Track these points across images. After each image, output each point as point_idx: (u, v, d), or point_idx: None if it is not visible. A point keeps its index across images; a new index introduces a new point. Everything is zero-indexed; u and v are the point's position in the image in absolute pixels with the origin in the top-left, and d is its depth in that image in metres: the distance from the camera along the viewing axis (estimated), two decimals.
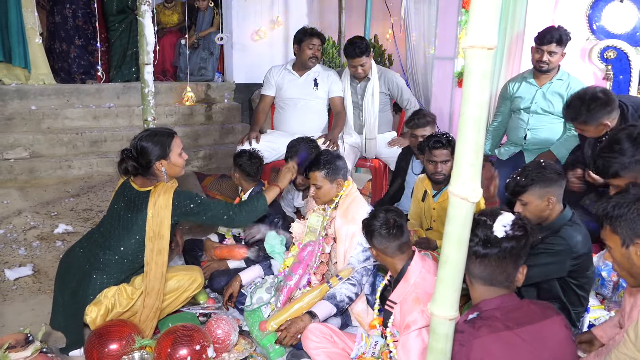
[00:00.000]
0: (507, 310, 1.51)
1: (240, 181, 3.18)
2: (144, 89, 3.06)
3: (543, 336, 1.49)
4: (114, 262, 2.42)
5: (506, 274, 1.53)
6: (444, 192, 3.04)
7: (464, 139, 1.07)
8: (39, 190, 4.11)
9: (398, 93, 4.13)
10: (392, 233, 2.08)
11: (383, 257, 2.14)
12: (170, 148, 2.50)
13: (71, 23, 5.20)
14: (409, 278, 2.05)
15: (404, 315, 1.99)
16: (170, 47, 6.36)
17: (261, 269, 2.83)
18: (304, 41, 3.95)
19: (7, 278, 3.01)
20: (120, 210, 2.48)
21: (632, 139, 1.99)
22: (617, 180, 2.01)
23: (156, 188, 2.44)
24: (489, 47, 1.03)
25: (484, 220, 1.54)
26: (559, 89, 3.50)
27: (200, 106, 5.62)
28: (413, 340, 1.89)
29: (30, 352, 1.87)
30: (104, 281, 2.40)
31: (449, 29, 5.15)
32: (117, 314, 2.38)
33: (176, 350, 2.09)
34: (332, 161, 2.61)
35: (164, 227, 2.39)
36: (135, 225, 2.40)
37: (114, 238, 2.45)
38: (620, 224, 1.54)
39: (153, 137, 2.49)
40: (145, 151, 2.45)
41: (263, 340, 2.41)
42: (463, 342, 1.43)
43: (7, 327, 2.58)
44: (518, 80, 3.71)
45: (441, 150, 2.92)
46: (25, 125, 4.67)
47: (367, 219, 2.18)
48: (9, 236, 3.43)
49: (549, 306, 1.63)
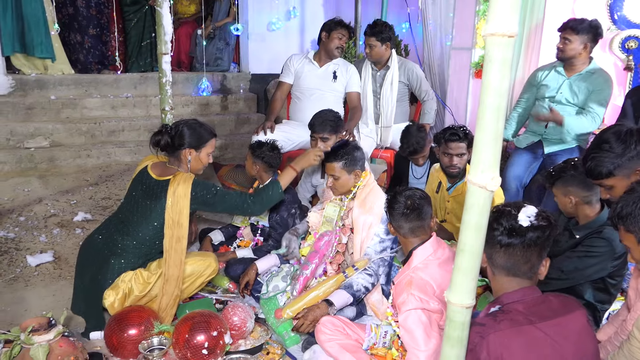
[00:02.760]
0: (530, 303, 1.50)
1: (260, 173, 3.14)
2: (162, 79, 3.09)
3: (566, 330, 1.47)
4: (131, 247, 2.48)
5: (530, 265, 1.52)
6: (458, 186, 3.02)
7: (484, 128, 1.07)
8: (59, 178, 4.17)
9: (417, 84, 4.16)
10: (406, 214, 2.09)
11: (398, 234, 2.17)
12: (205, 144, 2.61)
13: (85, 13, 5.23)
14: (411, 261, 2.08)
15: (397, 296, 2.03)
16: (186, 38, 6.39)
17: (277, 258, 2.85)
18: (334, 30, 3.96)
19: (29, 264, 3.07)
20: (139, 198, 2.53)
21: (619, 138, 1.97)
22: (609, 180, 2.01)
23: (175, 177, 2.49)
24: (509, 35, 1.03)
25: (509, 210, 1.53)
26: (587, 81, 3.42)
27: (216, 96, 5.65)
28: (412, 322, 1.90)
29: (52, 335, 1.91)
30: (122, 266, 2.45)
31: (466, 19, 5.10)
32: (135, 298, 2.43)
33: (194, 336, 2.13)
34: (350, 152, 2.61)
35: (183, 216, 2.44)
36: (154, 212, 2.45)
37: (132, 224, 2.50)
38: (632, 222, 1.56)
39: (197, 127, 2.61)
40: (183, 134, 2.56)
41: (279, 328, 2.44)
42: (483, 334, 1.42)
43: (29, 312, 2.65)
44: (548, 68, 3.65)
45: (457, 142, 2.89)
46: (45, 115, 4.73)
47: (393, 193, 2.19)
48: (30, 223, 3.50)
49: (571, 299, 1.61)
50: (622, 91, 4.48)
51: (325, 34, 4.00)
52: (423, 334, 1.88)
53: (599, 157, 2.00)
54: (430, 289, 1.94)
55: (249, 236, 3.23)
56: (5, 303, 2.72)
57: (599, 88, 3.38)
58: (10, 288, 2.85)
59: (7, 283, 2.89)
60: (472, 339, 1.41)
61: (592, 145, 2.07)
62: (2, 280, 2.90)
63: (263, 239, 3.15)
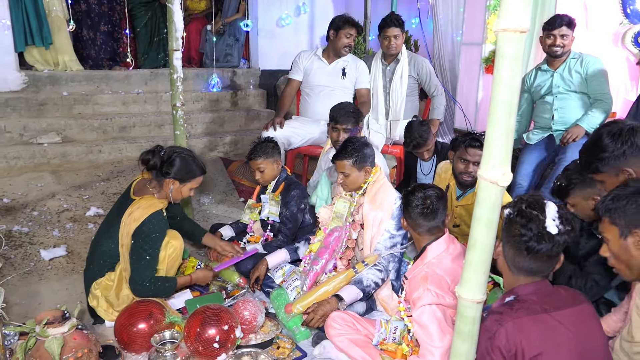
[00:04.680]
0: (543, 294, 1.55)
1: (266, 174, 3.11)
2: (173, 75, 3.11)
3: (579, 320, 1.52)
4: (98, 256, 2.50)
5: (552, 265, 1.58)
6: (468, 195, 2.96)
7: (495, 123, 1.08)
8: (71, 174, 4.22)
9: (427, 79, 4.17)
10: (425, 214, 2.09)
11: (412, 231, 2.17)
12: (192, 180, 2.53)
13: (97, 10, 5.28)
14: (425, 256, 2.08)
15: (412, 291, 2.03)
16: (196, 34, 6.41)
17: (287, 253, 2.86)
18: (342, 29, 3.93)
19: (43, 258, 3.12)
20: (114, 208, 2.56)
21: (609, 135, 1.98)
22: (598, 176, 2.03)
23: (141, 200, 2.44)
24: (521, 31, 1.03)
25: (536, 215, 1.53)
26: (575, 66, 3.49)
27: (226, 92, 5.67)
28: (426, 318, 1.91)
29: (67, 328, 1.93)
30: (95, 273, 2.49)
31: (477, 14, 5.07)
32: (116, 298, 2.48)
33: (205, 330, 2.15)
34: (360, 149, 2.61)
35: (130, 240, 2.40)
36: (112, 228, 2.45)
37: (99, 233, 2.56)
38: (619, 215, 1.57)
39: (189, 160, 2.52)
40: (174, 164, 2.46)
41: (289, 323, 2.46)
42: (502, 322, 1.47)
43: (43, 305, 2.69)
44: (532, 72, 3.72)
45: (477, 150, 2.80)
46: (58, 111, 4.78)
47: (408, 190, 2.19)
48: (44, 218, 3.55)
49: (578, 293, 1.65)
50: (635, 86, 4.44)
51: (333, 32, 3.98)
52: (438, 330, 1.88)
53: (588, 153, 2.03)
54: (445, 283, 1.96)
55: (259, 231, 3.25)
56: (19, 296, 2.76)
57: (591, 68, 3.42)
58: (25, 282, 2.90)
59: (21, 277, 2.93)
60: (490, 327, 1.46)
61: (587, 141, 2.10)
62: (16, 274, 2.94)
63: (273, 234, 3.17)
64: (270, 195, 3.16)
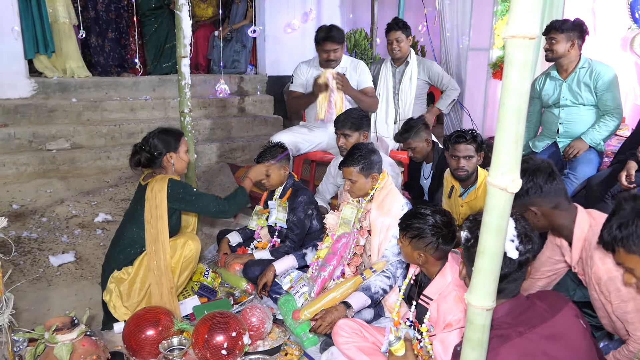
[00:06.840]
0: (518, 313, 1.50)
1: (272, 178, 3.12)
2: (181, 81, 3.13)
3: (558, 334, 1.47)
4: (118, 250, 2.64)
5: (520, 282, 1.55)
6: (471, 191, 2.97)
7: (504, 129, 1.07)
8: (80, 180, 4.24)
9: (438, 78, 4.24)
10: (447, 241, 2.03)
11: (429, 257, 2.05)
12: (179, 143, 2.74)
13: (105, 17, 5.33)
14: (446, 275, 2.03)
15: (444, 313, 1.96)
16: (204, 40, 6.45)
17: (295, 259, 2.86)
18: (319, 45, 3.86)
19: (52, 264, 3.14)
20: (132, 204, 2.73)
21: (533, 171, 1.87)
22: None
23: (154, 178, 2.64)
24: (530, 37, 1.02)
25: None
26: (584, 78, 3.40)
27: (233, 98, 5.69)
28: (453, 338, 1.87)
29: (75, 334, 1.94)
30: (111, 267, 2.62)
31: (484, 20, 5.06)
32: (128, 290, 2.57)
33: (213, 336, 2.15)
34: (367, 156, 2.61)
35: (161, 209, 2.57)
36: (136, 212, 2.63)
37: (121, 230, 2.70)
38: (635, 242, 1.43)
39: (164, 133, 2.74)
40: (156, 144, 2.68)
41: (297, 329, 2.45)
42: None
43: (52, 311, 2.70)
44: (542, 76, 3.65)
45: (464, 145, 2.81)
46: (67, 117, 4.82)
47: (419, 220, 2.08)
48: (52, 224, 3.57)
49: (557, 296, 1.60)
50: None
51: (316, 46, 3.90)
52: None
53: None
54: None
55: (267, 237, 3.25)
56: (29, 302, 2.78)
57: (601, 80, 3.33)
58: (34, 287, 2.92)
59: (30, 283, 2.95)
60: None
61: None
62: (25, 280, 2.96)
63: (280, 240, 3.17)
64: (278, 202, 3.16)
